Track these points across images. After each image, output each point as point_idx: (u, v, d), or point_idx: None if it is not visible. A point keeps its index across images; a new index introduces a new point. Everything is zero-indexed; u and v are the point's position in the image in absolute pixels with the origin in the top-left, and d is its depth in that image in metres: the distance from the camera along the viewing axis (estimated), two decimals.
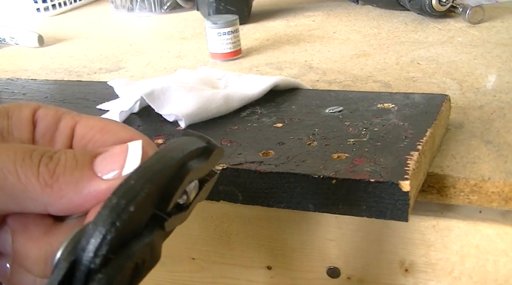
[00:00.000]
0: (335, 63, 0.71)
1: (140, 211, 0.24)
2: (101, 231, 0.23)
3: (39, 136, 0.29)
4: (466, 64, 0.66)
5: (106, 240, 0.23)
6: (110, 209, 0.23)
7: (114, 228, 0.23)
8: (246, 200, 0.41)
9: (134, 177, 0.24)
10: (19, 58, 0.88)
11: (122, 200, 0.23)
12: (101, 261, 0.23)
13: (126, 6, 1.11)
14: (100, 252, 0.23)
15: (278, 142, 0.44)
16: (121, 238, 0.23)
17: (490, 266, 0.41)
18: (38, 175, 0.25)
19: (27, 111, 0.29)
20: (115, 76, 0.74)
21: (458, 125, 0.49)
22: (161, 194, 0.25)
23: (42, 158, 0.25)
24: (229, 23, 0.74)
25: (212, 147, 0.27)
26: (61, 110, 0.30)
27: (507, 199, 0.40)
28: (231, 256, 0.48)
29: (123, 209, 0.23)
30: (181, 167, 0.25)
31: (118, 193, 0.23)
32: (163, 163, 0.25)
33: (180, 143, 0.26)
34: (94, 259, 0.23)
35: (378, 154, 0.40)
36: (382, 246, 0.43)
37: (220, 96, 0.50)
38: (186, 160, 0.26)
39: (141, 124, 0.50)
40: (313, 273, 0.46)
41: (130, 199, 0.23)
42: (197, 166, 0.26)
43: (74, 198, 0.25)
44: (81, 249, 0.23)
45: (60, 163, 0.25)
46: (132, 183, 0.23)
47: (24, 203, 0.25)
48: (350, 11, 0.98)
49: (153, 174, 0.24)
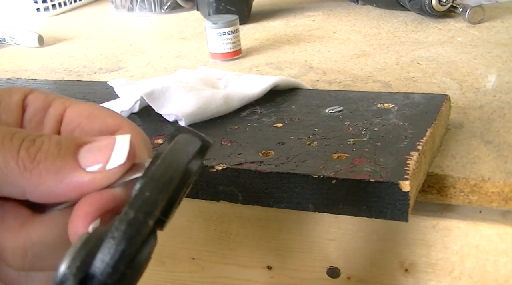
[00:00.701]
0: (335, 63, 0.71)
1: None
2: (120, 246, 0.22)
3: (27, 121, 0.28)
4: (466, 64, 0.66)
5: (125, 256, 0.22)
6: (129, 223, 0.22)
7: (133, 244, 0.22)
8: (246, 200, 0.41)
9: (149, 188, 0.23)
10: (19, 58, 0.88)
11: (140, 214, 0.22)
12: (118, 277, 0.22)
13: (126, 6, 1.11)
14: (119, 268, 0.22)
15: (278, 142, 0.44)
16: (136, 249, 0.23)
17: (490, 266, 0.41)
18: (18, 159, 0.24)
19: (17, 96, 0.28)
20: (115, 76, 0.74)
21: (458, 125, 0.49)
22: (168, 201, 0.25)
23: (24, 142, 0.25)
24: (229, 23, 0.74)
25: (206, 144, 0.27)
26: (52, 95, 0.29)
27: (507, 199, 0.40)
28: (231, 256, 0.48)
29: (141, 223, 0.22)
30: (186, 172, 0.25)
31: (135, 206, 0.23)
32: (173, 170, 0.24)
33: (182, 145, 0.26)
34: (111, 275, 0.22)
35: (378, 154, 0.40)
36: (382, 246, 0.43)
37: (220, 96, 0.50)
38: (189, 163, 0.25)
39: (141, 124, 0.50)
40: (313, 273, 0.46)
41: (148, 212, 0.23)
42: (196, 168, 0.26)
43: (53, 187, 0.24)
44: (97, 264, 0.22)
45: (42, 149, 0.25)
46: (148, 195, 0.23)
47: (2, 187, 0.24)
48: (350, 11, 0.98)
49: (165, 184, 0.24)
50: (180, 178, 0.25)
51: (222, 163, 0.41)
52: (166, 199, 0.24)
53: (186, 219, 0.48)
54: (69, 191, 0.25)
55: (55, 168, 0.24)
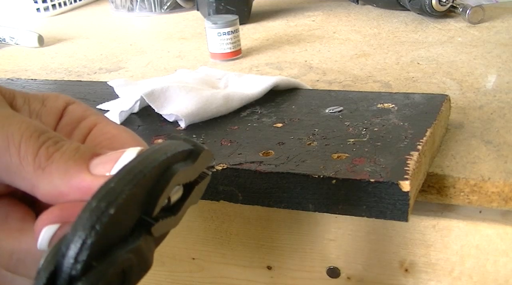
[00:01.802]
0: (335, 63, 0.71)
1: (123, 214, 0.23)
2: (81, 235, 0.22)
3: (60, 127, 0.30)
4: (466, 64, 0.66)
5: (86, 245, 0.22)
6: (90, 212, 0.22)
7: (94, 232, 0.22)
8: (246, 200, 0.41)
9: (115, 180, 0.23)
10: (19, 58, 0.88)
11: (101, 202, 0.22)
12: (82, 267, 0.22)
13: (126, 6, 1.11)
14: (80, 258, 0.22)
15: (278, 142, 0.44)
16: (104, 243, 0.22)
17: (490, 266, 0.41)
18: (36, 155, 0.25)
19: (60, 103, 0.31)
20: (115, 76, 0.74)
21: (458, 125, 0.49)
22: (146, 198, 0.24)
23: (48, 141, 0.26)
24: (229, 23, 0.74)
25: (198, 150, 0.26)
26: (90, 111, 0.31)
27: (507, 199, 0.40)
28: (231, 256, 0.48)
29: (103, 211, 0.22)
30: (166, 170, 0.25)
31: (98, 196, 0.22)
32: (145, 164, 0.24)
33: (164, 145, 0.26)
34: (75, 266, 0.22)
35: (378, 154, 0.40)
36: (382, 246, 0.43)
37: (220, 96, 0.50)
38: (171, 162, 0.25)
39: (141, 124, 0.50)
40: (313, 273, 0.46)
41: (110, 201, 0.22)
42: (183, 169, 0.25)
43: (60, 186, 0.25)
44: (61, 255, 0.22)
45: (61, 150, 0.26)
46: (112, 186, 0.23)
47: (15, 178, 0.26)
48: (350, 11, 0.98)
49: (134, 176, 0.23)
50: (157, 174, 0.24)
51: (222, 163, 0.41)
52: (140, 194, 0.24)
53: (186, 219, 0.48)
54: (72, 191, 0.25)
55: (65, 168, 0.25)
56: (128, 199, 0.23)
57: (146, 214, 0.25)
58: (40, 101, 0.31)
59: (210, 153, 0.28)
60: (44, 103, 0.31)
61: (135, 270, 0.25)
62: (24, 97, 0.31)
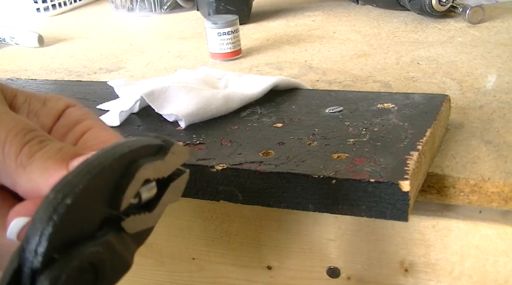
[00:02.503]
0: (335, 63, 0.71)
1: (84, 206, 0.23)
2: (38, 227, 0.22)
3: (56, 128, 0.31)
4: (466, 64, 0.66)
5: (44, 236, 0.22)
6: (47, 204, 0.22)
7: (51, 223, 0.22)
8: (246, 200, 0.41)
9: (73, 173, 0.23)
10: (19, 58, 0.88)
11: (58, 194, 0.22)
12: (43, 260, 0.22)
13: (126, 6, 1.11)
14: (39, 250, 0.22)
15: (278, 142, 0.44)
16: (65, 236, 0.22)
17: (490, 266, 0.41)
18: (19, 153, 0.26)
19: (61, 104, 0.31)
20: (115, 76, 0.74)
21: (458, 125, 0.49)
22: (112, 193, 0.24)
23: (33, 140, 0.26)
24: (229, 23, 0.74)
25: (168, 145, 0.26)
26: (88, 115, 0.31)
27: (507, 199, 0.40)
28: (231, 256, 0.48)
29: (59, 202, 0.22)
30: (132, 164, 0.25)
31: (55, 188, 0.23)
32: (105, 157, 0.24)
33: (129, 140, 0.26)
34: (35, 258, 0.22)
35: (378, 154, 0.40)
36: (382, 246, 0.43)
37: (220, 96, 0.50)
38: (137, 156, 0.25)
39: (141, 124, 0.50)
40: (313, 273, 0.46)
41: (67, 192, 0.22)
42: (150, 163, 0.25)
43: (39, 183, 0.26)
44: (22, 250, 0.22)
45: (44, 149, 0.26)
46: (70, 178, 0.23)
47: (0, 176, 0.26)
48: (350, 11, 0.98)
49: (93, 168, 0.23)
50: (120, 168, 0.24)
51: (222, 163, 0.41)
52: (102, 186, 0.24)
53: (186, 219, 0.48)
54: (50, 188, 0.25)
55: (45, 167, 0.26)
56: (86, 191, 0.23)
57: (113, 209, 0.24)
58: (41, 101, 0.31)
59: (183, 148, 0.28)
60: (45, 103, 0.31)
61: (110, 267, 0.24)
62: (26, 96, 0.31)
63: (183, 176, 0.28)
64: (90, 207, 0.24)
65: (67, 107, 0.31)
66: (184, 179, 0.28)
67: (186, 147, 0.28)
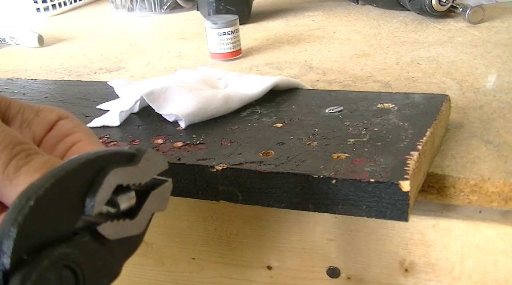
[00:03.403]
0: (335, 63, 0.71)
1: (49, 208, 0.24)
2: (4, 229, 0.23)
3: (47, 139, 0.32)
4: (466, 64, 0.66)
5: (10, 237, 0.23)
6: (13, 207, 0.23)
7: (16, 224, 0.23)
8: (246, 200, 0.41)
9: (39, 178, 0.24)
10: (19, 58, 0.88)
11: (23, 198, 0.23)
12: (11, 261, 0.23)
13: (126, 6, 1.11)
14: (6, 249, 0.23)
15: (278, 142, 0.44)
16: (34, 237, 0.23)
17: (490, 266, 0.41)
18: (6, 167, 0.26)
19: (53, 116, 0.32)
20: (115, 76, 0.74)
21: (458, 125, 0.49)
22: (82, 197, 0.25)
23: (21, 153, 0.27)
24: (229, 23, 0.74)
25: (141, 153, 0.27)
26: (79, 128, 0.32)
27: (507, 199, 0.40)
28: (231, 256, 0.48)
29: (23, 205, 0.23)
30: (101, 170, 0.26)
31: (21, 194, 0.24)
32: (70, 163, 0.25)
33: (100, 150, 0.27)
34: (2, 259, 0.23)
35: (378, 154, 0.40)
36: (382, 246, 0.43)
37: (220, 96, 0.50)
38: (105, 163, 0.26)
39: (141, 124, 0.50)
40: (313, 273, 0.46)
41: (30, 195, 0.23)
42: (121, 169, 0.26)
43: None
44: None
45: (30, 163, 0.27)
46: (35, 183, 0.24)
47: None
48: (350, 11, 0.98)
49: (56, 173, 0.24)
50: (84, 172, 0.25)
51: (222, 163, 0.41)
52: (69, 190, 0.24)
53: (186, 219, 0.48)
54: None
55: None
56: (50, 193, 0.24)
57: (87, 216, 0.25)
58: (35, 111, 0.32)
59: (158, 155, 0.28)
60: (38, 114, 0.32)
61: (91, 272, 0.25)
62: (19, 106, 0.32)
63: (164, 185, 0.29)
64: (58, 211, 0.24)
65: (59, 118, 0.32)
66: (166, 187, 0.29)
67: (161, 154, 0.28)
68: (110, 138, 0.48)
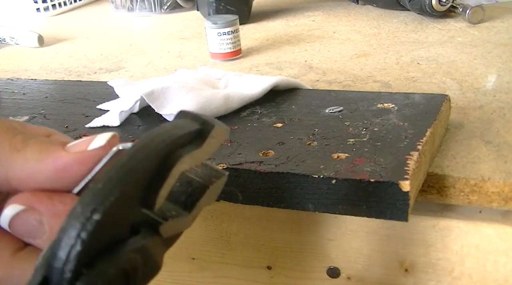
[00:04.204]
0: (335, 63, 0.71)
1: (114, 217, 0.21)
2: (67, 244, 0.20)
3: None
4: (466, 64, 0.66)
5: (72, 256, 0.20)
6: (75, 218, 0.20)
7: (80, 241, 0.20)
8: (246, 200, 0.41)
9: (103, 179, 0.21)
10: (19, 58, 0.88)
11: (87, 208, 0.20)
12: (71, 277, 0.20)
13: (126, 6, 1.11)
14: (67, 268, 0.20)
15: (278, 142, 0.44)
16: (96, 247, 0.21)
17: (490, 266, 0.41)
18: (11, 139, 0.25)
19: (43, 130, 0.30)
20: (115, 76, 0.74)
21: (458, 125, 0.49)
22: (145, 191, 0.22)
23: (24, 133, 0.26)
24: (229, 23, 0.74)
25: (207, 129, 0.23)
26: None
27: (507, 199, 0.40)
28: (231, 256, 0.48)
29: (88, 218, 0.20)
30: (167, 158, 0.22)
31: (84, 200, 0.20)
32: (139, 158, 0.21)
33: (165, 130, 0.23)
34: (62, 273, 0.20)
35: (378, 154, 0.40)
36: (382, 246, 0.43)
37: (220, 96, 0.50)
38: (172, 148, 0.22)
39: (141, 124, 0.50)
40: (313, 273, 0.46)
41: (96, 206, 0.20)
42: (188, 155, 0.22)
43: (35, 166, 0.24)
44: (50, 265, 0.20)
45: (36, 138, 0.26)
46: (100, 187, 0.20)
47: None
48: (350, 11, 0.98)
49: (126, 174, 0.21)
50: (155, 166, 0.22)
51: (222, 163, 0.41)
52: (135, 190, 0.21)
53: None
54: (47, 170, 0.25)
55: (40, 150, 0.25)
56: (118, 201, 0.21)
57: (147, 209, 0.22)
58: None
59: (223, 129, 0.24)
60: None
61: (141, 272, 0.23)
62: None
63: (222, 179, 0.26)
64: (122, 214, 0.21)
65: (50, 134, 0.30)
66: (223, 182, 0.26)
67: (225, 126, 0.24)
68: None
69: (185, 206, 0.25)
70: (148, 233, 0.23)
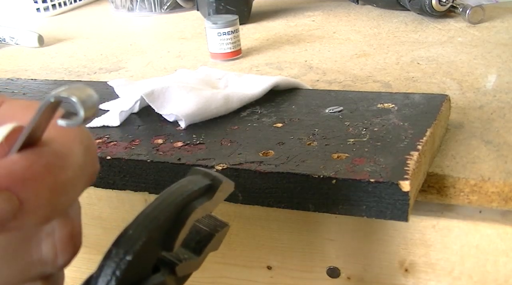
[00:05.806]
0: (335, 63, 0.71)
1: (141, 258, 0.25)
2: (104, 281, 0.24)
3: None
4: (466, 64, 0.66)
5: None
6: (110, 259, 0.25)
7: (114, 278, 0.24)
8: (246, 200, 0.41)
9: (133, 227, 0.25)
10: (19, 58, 0.88)
11: (120, 249, 0.25)
12: None
13: (126, 6, 1.11)
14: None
15: (278, 142, 0.44)
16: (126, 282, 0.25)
17: (490, 266, 0.41)
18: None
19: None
20: (115, 76, 0.74)
21: (458, 125, 0.49)
22: (164, 236, 0.26)
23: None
24: (229, 23, 0.74)
25: (216, 184, 0.28)
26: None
27: (507, 199, 0.40)
28: (231, 256, 0.48)
29: (121, 258, 0.24)
30: (183, 209, 0.27)
31: (117, 243, 0.25)
32: (161, 209, 0.26)
33: (182, 185, 0.27)
34: None
35: (378, 154, 0.40)
36: (382, 246, 0.43)
37: (220, 96, 0.50)
38: (188, 201, 0.27)
39: (141, 124, 0.50)
40: (313, 273, 0.46)
41: (128, 249, 0.25)
42: (200, 207, 0.27)
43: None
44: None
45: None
46: (130, 233, 0.25)
47: None
48: (350, 11, 0.98)
49: (150, 222, 0.25)
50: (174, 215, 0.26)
51: (222, 163, 0.41)
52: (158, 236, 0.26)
53: None
54: None
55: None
56: (145, 244, 0.25)
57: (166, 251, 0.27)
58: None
59: (230, 184, 0.30)
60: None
61: None
62: None
63: (225, 228, 0.31)
64: (147, 256, 0.26)
65: None
66: (225, 231, 0.31)
67: (231, 182, 0.30)
68: (110, 138, 0.48)
69: (195, 251, 0.29)
70: (166, 272, 0.27)
